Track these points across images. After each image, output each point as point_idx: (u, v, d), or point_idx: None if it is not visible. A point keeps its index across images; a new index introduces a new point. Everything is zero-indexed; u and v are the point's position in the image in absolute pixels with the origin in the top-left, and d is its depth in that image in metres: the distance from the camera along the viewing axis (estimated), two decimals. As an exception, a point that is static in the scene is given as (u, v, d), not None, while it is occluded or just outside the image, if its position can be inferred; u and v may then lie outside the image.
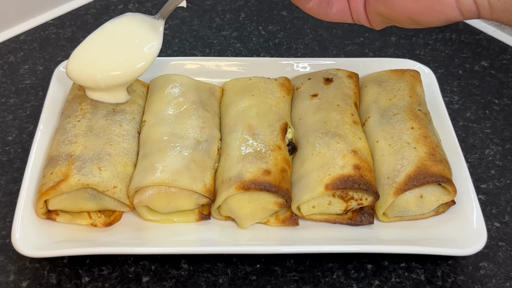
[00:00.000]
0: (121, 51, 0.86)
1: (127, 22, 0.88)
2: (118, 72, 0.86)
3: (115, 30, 0.87)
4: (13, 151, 0.97)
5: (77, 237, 0.82)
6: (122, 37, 0.87)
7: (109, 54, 0.86)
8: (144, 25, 0.88)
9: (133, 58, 0.86)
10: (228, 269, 0.83)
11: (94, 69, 0.85)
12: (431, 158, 0.84)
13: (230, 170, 0.84)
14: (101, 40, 0.87)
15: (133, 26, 0.88)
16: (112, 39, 0.87)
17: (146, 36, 0.87)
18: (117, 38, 0.87)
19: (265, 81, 0.98)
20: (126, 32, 0.87)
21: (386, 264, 0.84)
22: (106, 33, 0.87)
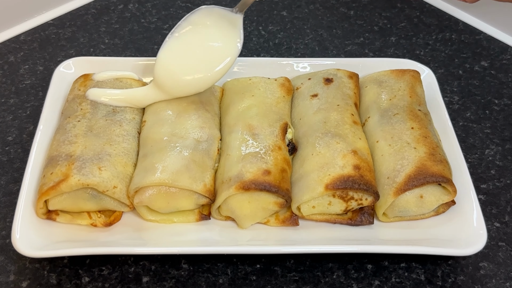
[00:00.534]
0: (202, 53, 0.85)
1: (205, 20, 0.86)
2: (200, 75, 0.86)
3: (195, 29, 0.85)
4: (13, 151, 0.97)
5: (77, 237, 0.82)
6: (203, 37, 0.86)
7: (192, 56, 0.85)
8: (222, 21, 0.85)
9: (214, 60, 0.85)
10: (228, 269, 0.83)
11: (179, 73, 0.86)
12: (431, 158, 0.84)
13: (230, 170, 0.84)
14: (183, 42, 0.86)
15: (212, 24, 0.85)
16: (193, 39, 0.85)
17: (226, 34, 0.85)
18: (197, 39, 0.85)
19: (265, 81, 0.98)
20: (206, 31, 0.85)
21: (386, 264, 0.84)
22: (186, 33, 0.86)
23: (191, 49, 0.86)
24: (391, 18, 1.29)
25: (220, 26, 0.86)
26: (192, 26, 0.86)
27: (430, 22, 1.28)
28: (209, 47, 0.86)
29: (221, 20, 0.85)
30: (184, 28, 0.87)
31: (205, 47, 0.86)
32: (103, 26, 1.24)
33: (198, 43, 0.86)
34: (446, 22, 1.28)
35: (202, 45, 0.86)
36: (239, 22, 0.85)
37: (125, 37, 1.21)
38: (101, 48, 1.18)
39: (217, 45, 0.86)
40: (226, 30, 0.85)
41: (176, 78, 0.88)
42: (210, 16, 0.86)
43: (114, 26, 1.24)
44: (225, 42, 0.85)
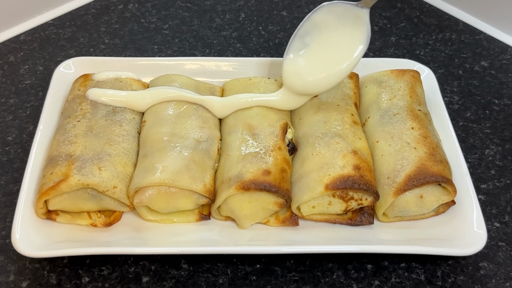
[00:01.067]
0: (330, 51, 0.85)
1: (328, 17, 0.84)
2: (326, 74, 0.86)
3: (322, 27, 0.84)
4: (13, 151, 0.97)
5: (77, 237, 0.82)
6: (330, 34, 0.85)
7: (321, 55, 0.85)
8: (346, 18, 0.83)
9: (341, 58, 0.84)
10: (228, 269, 0.83)
11: (306, 74, 0.86)
12: (431, 158, 0.84)
13: (230, 170, 0.84)
14: (313, 41, 0.85)
15: (338, 21, 0.84)
16: (321, 37, 0.85)
17: (350, 31, 0.84)
18: (325, 36, 0.85)
19: (265, 81, 0.98)
20: (333, 28, 0.84)
21: (386, 264, 0.84)
22: (314, 31, 0.85)
23: (316, 49, 0.86)
24: (391, 18, 1.29)
25: (344, 23, 0.84)
26: (316, 26, 0.85)
27: (430, 22, 1.28)
28: (334, 45, 0.86)
29: (345, 17, 0.84)
30: (307, 28, 0.86)
31: (330, 46, 0.86)
32: (103, 26, 1.24)
33: (323, 42, 0.86)
34: (446, 22, 1.28)
35: (327, 44, 0.85)
36: (365, 18, 0.83)
37: (125, 37, 1.21)
38: (101, 48, 1.18)
39: (342, 43, 0.85)
40: (349, 27, 0.84)
41: (304, 79, 0.88)
42: (333, 13, 0.84)
43: (114, 26, 1.24)
44: (350, 39, 0.84)
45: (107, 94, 0.92)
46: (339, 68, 0.86)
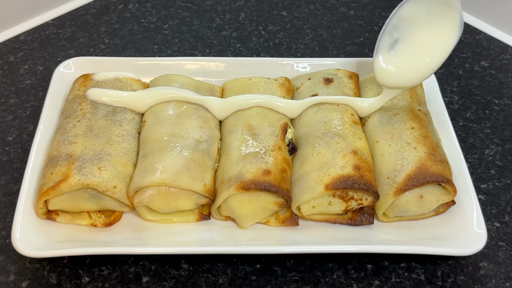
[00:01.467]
0: (422, 44, 0.85)
1: (418, 8, 0.84)
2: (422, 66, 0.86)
3: (410, 20, 0.85)
4: (13, 151, 0.97)
5: (77, 237, 0.82)
6: (419, 27, 0.85)
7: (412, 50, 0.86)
8: (437, 7, 0.83)
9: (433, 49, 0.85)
10: (228, 269, 0.83)
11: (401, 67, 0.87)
12: (431, 158, 0.84)
13: (230, 170, 0.84)
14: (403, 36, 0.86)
15: (427, 12, 0.84)
16: (411, 31, 0.85)
17: (443, 22, 0.84)
18: (414, 29, 0.85)
19: (265, 81, 0.98)
20: (422, 20, 0.84)
21: (386, 264, 0.84)
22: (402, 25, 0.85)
23: (407, 44, 0.86)
24: (391, 18, 1.29)
25: (434, 14, 0.84)
26: (403, 20, 0.85)
27: (430, 22, 1.28)
28: (425, 38, 0.86)
29: (434, 6, 0.83)
30: (395, 23, 0.86)
31: (421, 39, 0.86)
32: (103, 26, 1.24)
33: (413, 36, 0.86)
34: (446, 22, 1.28)
35: (417, 37, 0.86)
36: (457, 4, 0.82)
37: (125, 37, 1.21)
38: (101, 48, 1.18)
39: (433, 35, 0.85)
40: (440, 17, 0.84)
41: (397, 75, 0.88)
42: (421, 4, 0.84)
43: (114, 26, 1.24)
44: (441, 29, 0.84)
45: (106, 95, 0.92)
46: (432, 59, 0.86)
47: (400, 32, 0.87)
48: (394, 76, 0.89)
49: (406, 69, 0.87)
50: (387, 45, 0.88)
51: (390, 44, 0.88)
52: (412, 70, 0.87)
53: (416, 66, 0.87)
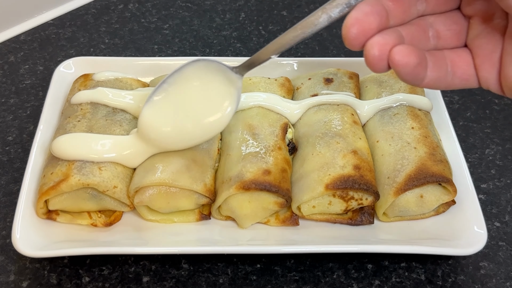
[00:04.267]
0: (194, 113, 0.79)
1: (202, 71, 0.79)
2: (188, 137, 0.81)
3: (189, 86, 0.79)
4: (13, 151, 0.97)
5: (77, 237, 0.82)
6: (196, 95, 0.79)
7: (183, 115, 0.79)
8: (219, 81, 0.78)
9: (206, 123, 0.80)
10: (229, 269, 0.83)
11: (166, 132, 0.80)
12: (431, 158, 0.84)
13: (230, 170, 0.84)
14: (174, 96, 0.79)
15: (208, 84, 0.79)
16: (186, 96, 0.79)
17: (221, 97, 0.79)
18: (190, 96, 0.79)
19: (266, 81, 0.98)
20: (200, 90, 0.79)
21: (386, 264, 0.84)
22: (179, 88, 0.79)
23: (179, 104, 0.80)
24: (391, 18, 1.29)
25: (214, 82, 0.79)
26: (183, 77, 0.79)
27: (430, 22, 1.28)
28: (200, 103, 0.80)
29: (217, 76, 0.79)
30: (175, 81, 0.79)
31: (196, 103, 0.80)
32: (103, 26, 1.24)
33: (188, 98, 0.80)
34: (446, 22, 1.28)
35: (192, 100, 0.80)
36: (238, 84, 0.78)
37: (125, 37, 1.21)
38: (101, 48, 1.18)
39: (208, 102, 0.80)
40: (219, 86, 0.79)
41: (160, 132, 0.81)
42: (206, 69, 0.79)
43: (114, 26, 1.24)
44: (217, 96, 0.79)
45: (103, 101, 0.91)
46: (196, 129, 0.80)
47: (174, 91, 0.80)
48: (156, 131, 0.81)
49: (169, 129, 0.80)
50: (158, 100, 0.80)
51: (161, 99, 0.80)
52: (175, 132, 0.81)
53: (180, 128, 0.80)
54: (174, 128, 0.80)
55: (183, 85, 0.79)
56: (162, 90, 0.80)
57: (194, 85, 0.79)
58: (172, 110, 0.80)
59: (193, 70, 0.79)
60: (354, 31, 0.53)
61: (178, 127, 0.80)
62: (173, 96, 0.80)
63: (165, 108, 0.80)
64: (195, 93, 0.80)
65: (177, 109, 0.80)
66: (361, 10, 0.54)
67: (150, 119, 0.80)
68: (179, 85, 0.79)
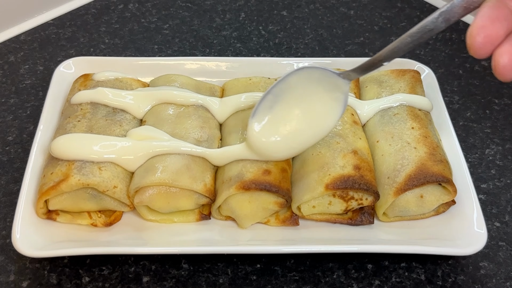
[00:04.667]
0: (302, 121, 0.79)
1: (306, 81, 0.78)
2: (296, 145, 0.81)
3: (295, 90, 0.79)
4: (13, 151, 0.97)
5: (77, 237, 0.82)
6: (302, 103, 0.79)
7: (291, 124, 0.79)
8: (324, 87, 0.78)
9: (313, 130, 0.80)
10: (229, 269, 0.83)
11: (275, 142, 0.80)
12: (432, 158, 0.84)
13: (230, 170, 0.84)
14: (281, 107, 0.80)
15: (313, 91, 0.78)
16: (292, 105, 0.79)
17: (327, 103, 0.78)
18: (296, 105, 0.79)
19: (265, 81, 0.98)
20: (306, 97, 0.79)
21: (386, 264, 0.84)
22: (284, 97, 0.79)
23: (287, 113, 0.80)
24: (391, 18, 1.29)
25: (320, 90, 0.78)
26: (289, 88, 0.79)
27: (430, 22, 1.28)
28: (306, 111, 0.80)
29: (322, 84, 0.78)
30: (280, 89, 0.79)
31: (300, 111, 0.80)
32: (103, 26, 1.24)
33: (295, 107, 0.80)
34: (446, 22, 1.28)
35: (299, 109, 0.80)
36: (345, 89, 0.77)
37: (125, 37, 1.21)
38: (101, 48, 1.18)
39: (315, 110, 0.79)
40: (326, 95, 0.78)
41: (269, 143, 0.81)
42: (310, 78, 0.78)
43: (114, 26, 1.24)
44: (323, 108, 0.79)
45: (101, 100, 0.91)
46: (305, 137, 0.81)
47: (282, 99, 0.80)
48: (263, 144, 0.81)
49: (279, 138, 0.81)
50: (265, 111, 0.81)
51: (268, 109, 0.81)
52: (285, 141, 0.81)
53: (290, 137, 0.81)
54: (283, 138, 0.81)
55: (289, 95, 0.79)
56: (268, 101, 0.80)
57: (299, 93, 0.79)
58: (280, 120, 0.80)
59: (297, 79, 0.78)
60: (480, 40, 0.50)
61: (286, 137, 0.81)
62: (279, 106, 0.80)
63: (273, 119, 0.80)
64: (301, 101, 0.80)
65: (285, 119, 0.80)
66: (486, 17, 0.50)
67: (259, 131, 0.81)
68: (284, 95, 0.79)
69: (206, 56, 1.17)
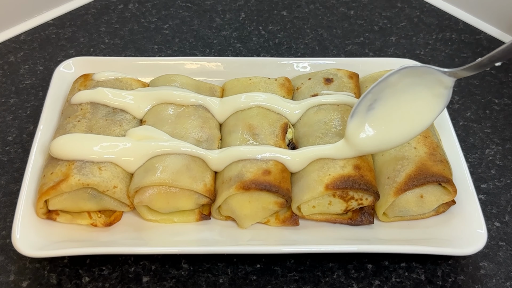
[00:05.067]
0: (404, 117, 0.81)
1: (408, 78, 0.79)
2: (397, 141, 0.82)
3: (396, 88, 0.80)
4: (13, 151, 0.97)
5: (77, 237, 0.82)
6: (404, 101, 0.80)
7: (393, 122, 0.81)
8: (425, 84, 0.78)
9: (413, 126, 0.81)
10: (229, 269, 0.83)
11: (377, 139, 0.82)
12: (432, 158, 0.84)
13: (230, 170, 0.84)
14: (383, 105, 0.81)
15: (416, 87, 0.79)
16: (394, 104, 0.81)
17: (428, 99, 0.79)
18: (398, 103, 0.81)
19: (265, 81, 0.98)
20: (407, 95, 0.80)
21: (386, 264, 0.84)
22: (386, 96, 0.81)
23: (389, 112, 0.82)
24: (391, 17, 1.29)
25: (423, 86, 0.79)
26: (389, 86, 0.80)
27: (430, 21, 1.28)
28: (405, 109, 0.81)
29: (424, 81, 0.79)
30: (381, 89, 0.81)
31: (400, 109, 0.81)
32: (103, 26, 1.24)
33: (393, 104, 0.82)
34: (446, 21, 1.28)
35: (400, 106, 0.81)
36: (450, 84, 0.77)
37: (125, 37, 1.21)
38: (101, 48, 1.18)
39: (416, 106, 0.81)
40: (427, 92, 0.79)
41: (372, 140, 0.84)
42: (412, 75, 0.79)
43: (114, 26, 1.24)
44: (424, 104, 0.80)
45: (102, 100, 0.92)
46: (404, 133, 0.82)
47: (380, 99, 0.82)
48: (365, 141, 0.83)
49: (379, 135, 0.83)
50: (365, 109, 0.83)
51: (367, 108, 0.83)
52: (385, 137, 0.83)
53: (389, 133, 0.82)
54: (382, 135, 0.82)
55: (388, 93, 0.81)
56: (367, 100, 0.82)
57: (399, 91, 0.80)
58: (380, 118, 0.82)
59: (398, 77, 0.80)
60: None
61: (386, 134, 0.82)
62: (379, 104, 0.82)
63: (373, 117, 0.82)
64: (401, 98, 0.81)
65: (384, 116, 0.82)
66: None
67: (358, 129, 0.83)
68: (384, 93, 0.81)
69: (206, 56, 1.17)
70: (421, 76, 0.79)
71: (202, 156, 0.85)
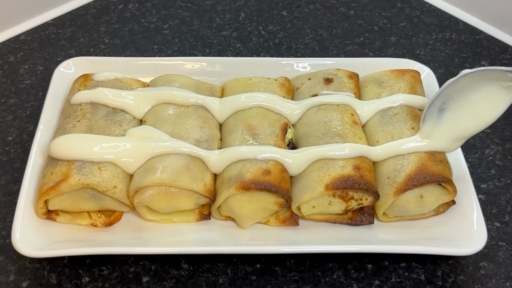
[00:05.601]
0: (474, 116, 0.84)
1: (475, 82, 0.82)
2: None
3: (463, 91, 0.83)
4: (13, 151, 0.97)
5: (77, 237, 0.82)
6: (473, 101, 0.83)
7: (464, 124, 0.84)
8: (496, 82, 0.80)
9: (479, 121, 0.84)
10: (228, 269, 0.83)
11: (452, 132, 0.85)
12: (431, 158, 0.84)
13: (230, 170, 0.84)
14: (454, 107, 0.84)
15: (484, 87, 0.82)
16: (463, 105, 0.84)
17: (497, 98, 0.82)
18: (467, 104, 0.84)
19: (265, 81, 0.98)
20: (475, 93, 0.83)
21: (386, 264, 0.84)
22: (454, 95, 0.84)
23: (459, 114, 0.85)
24: (391, 18, 1.29)
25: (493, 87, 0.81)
26: (458, 90, 0.83)
27: (430, 21, 1.28)
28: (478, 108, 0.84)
29: (494, 82, 0.81)
30: (449, 93, 0.84)
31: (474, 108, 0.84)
32: (103, 26, 1.24)
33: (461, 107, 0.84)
34: (446, 21, 1.28)
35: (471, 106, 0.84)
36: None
37: (125, 37, 1.21)
38: (101, 48, 1.18)
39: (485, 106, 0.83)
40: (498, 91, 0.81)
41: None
42: (481, 78, 0.81)
43: (114, 26, 1.24)
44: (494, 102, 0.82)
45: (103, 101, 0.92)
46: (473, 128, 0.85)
47: (450, 100, 0.85)
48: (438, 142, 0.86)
49: (451, 135, 0.86)
50: (435, 112, 0.86)
51: (437, 111, 0.86)
52: (457, 137, 0.86)
53: (464, 128, 0.85)
54: (455, 133, 0.85)
55: (456, 93, 0.84)
56: (437, 104, 0.84)
57: (467, 90, 0.83)
58: (456, 117, 0.85)
59: (466, 79, 0.82)
60: None
61: (462, 127, 0.85)
62: (452, 106, 0.84)
63: (448, 117, 0.85)
64: (469, 97, 0.83)
65: (459, 115, 0.84)
66: None
67: (430, 132, 0.86)
68: (452, 95, 0.84)
69: (206, 56, 1.17)
70: (488, 78, 0.80)
71: (202, 158, 0.85)
